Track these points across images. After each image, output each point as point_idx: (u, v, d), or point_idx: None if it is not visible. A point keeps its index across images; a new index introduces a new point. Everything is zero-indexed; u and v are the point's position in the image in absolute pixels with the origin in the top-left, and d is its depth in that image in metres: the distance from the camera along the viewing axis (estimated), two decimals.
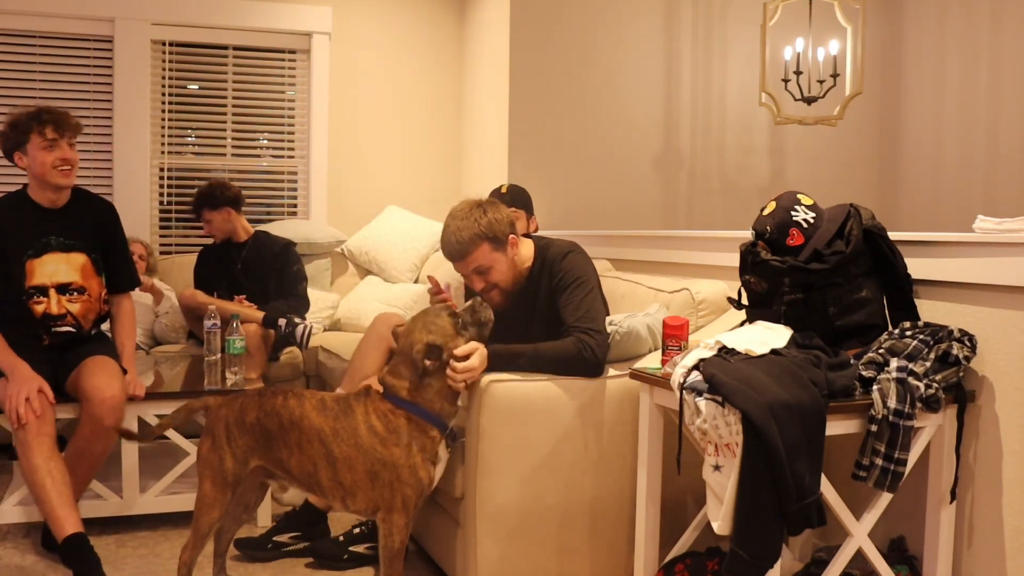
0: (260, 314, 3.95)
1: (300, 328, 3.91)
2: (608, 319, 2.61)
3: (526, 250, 2.73)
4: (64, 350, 3.01)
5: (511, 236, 2.63)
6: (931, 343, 2.05)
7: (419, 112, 5.36)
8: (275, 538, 2.87)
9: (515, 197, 3.46)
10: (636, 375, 2.37)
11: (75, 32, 4.80)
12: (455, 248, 2.58)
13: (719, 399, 1.90)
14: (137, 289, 3.48)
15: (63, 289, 3.00)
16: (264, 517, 3.20)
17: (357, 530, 2.83)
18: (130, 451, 3.06)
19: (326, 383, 4.06)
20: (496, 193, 3.49)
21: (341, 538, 2.82)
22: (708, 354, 2.06)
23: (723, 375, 1.93)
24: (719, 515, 1.91)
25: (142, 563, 2.84)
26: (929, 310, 2.22)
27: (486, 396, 2.41)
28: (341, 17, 5.21)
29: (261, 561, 2.85)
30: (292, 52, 5.21)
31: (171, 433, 3.19)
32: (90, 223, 3.05)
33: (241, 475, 2.38)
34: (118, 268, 3.16)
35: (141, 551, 2.94)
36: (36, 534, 3.04)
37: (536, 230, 3.53)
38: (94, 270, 3.07)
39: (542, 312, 2.67)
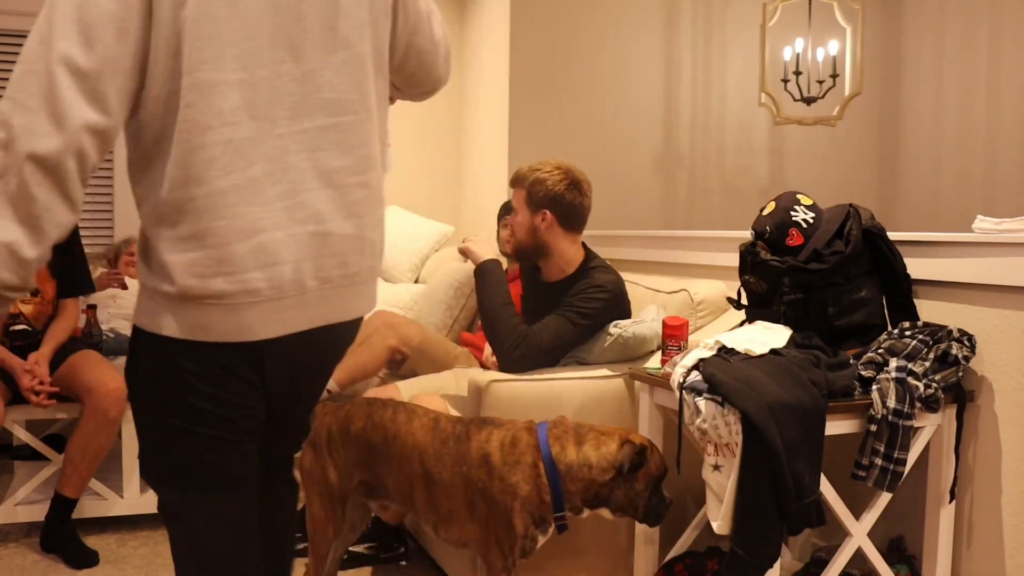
0: None
1: None
2: (614, 323, 2.62)
3: (568, 248, 2.76)
4: (17, 352, 3.01)
5: (546, 211, 2.69)
6: (930, 343, 2.05)
7: (419, 112, 5.36)
8: (350, 548, 2.77)
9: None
10: (636, 375, 2.37)
11: None
12: (516, 175, 2.80)
13: (719, 399, 1.91)
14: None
15: None
16: None
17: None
18: (130, 451, 3.06)
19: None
20: (508, 203, 3.50)
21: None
22: (708, 354, 2.06)
23: (723, 375, 1.93)
24: (719, 515, 1.91)
25: (143, 563, 2.84)
26: (929, 310, 2.22)
27: (486, 396, 2.41)
28: None
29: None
30: None
31: None
32: None
33: (347, 490, 2.20)
34: (72, 272, 3.17)
35: (142, 551, 2.95)
36: (37, 534, 3.05)
37: None
38: (49, 273, 3.10)
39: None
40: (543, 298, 2.78)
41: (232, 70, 1.36)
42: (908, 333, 2.10)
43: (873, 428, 1.96)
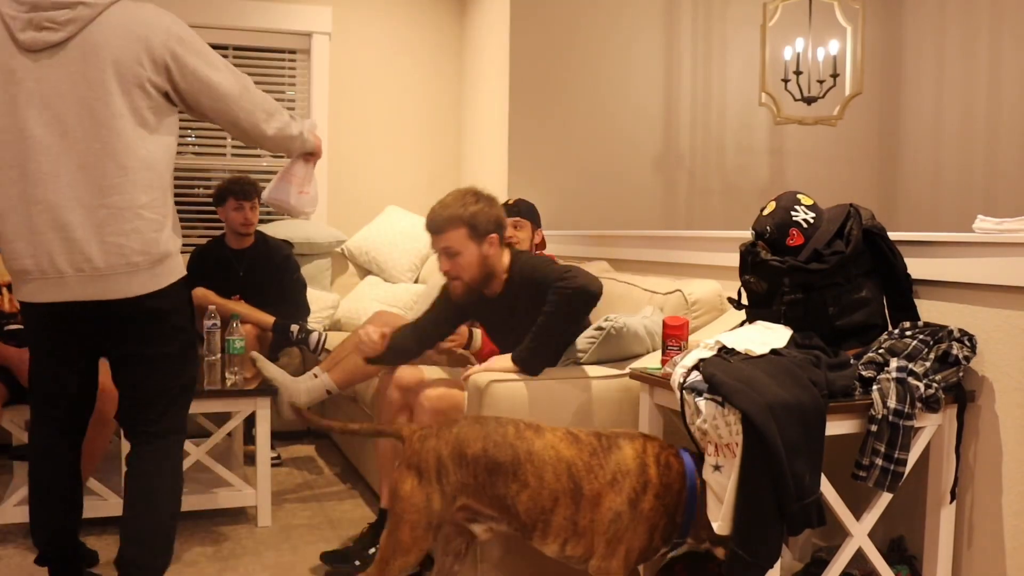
0: (269, 319, 3.98)
1: (314, 335, 3.96)
2: (604, 317, 2.62)
3: (506, 259, 2.71)
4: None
5: (492, 235, 2.61)
6: (931, 343, 2.05)
7: (419, 112, 5.37)
8: (370, 550, 2.76)
9: (522, 209, 3.47)
10: (636, 375, 2.37)
11: None
12: (435, 221, 2.61)
13: (719, 399, 1.91)
14: None
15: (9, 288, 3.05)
16: (264, 517, 3.20)
17: (372, 550, 2.79)
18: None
19: None
20: (504, 206, 3.50)
21: (372, 551, 2.75)
22: (708, 354, 2.06)
23: (723, 375, 1.93)
24: (719, 515, 1.91)
25: None
26: (929, 310, 2.22)
27: (486, 396, 2.41)
28: (341, 17, 5.21)
29: None
30: (292, 52, 5.21)
31: None
32: None
33: (446, 516, 2.09)
34: None
35: None
36: None
37: (542, 242, 3.53)
38: None
39: (525, 325, 2.59)
40: (501, 312, 2.74)
41: None
42: (909, 333, 2.10)
43: (873, 428, 1.95)
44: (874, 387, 1.99)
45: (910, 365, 2.01)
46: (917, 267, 2.21)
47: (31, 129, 2.10)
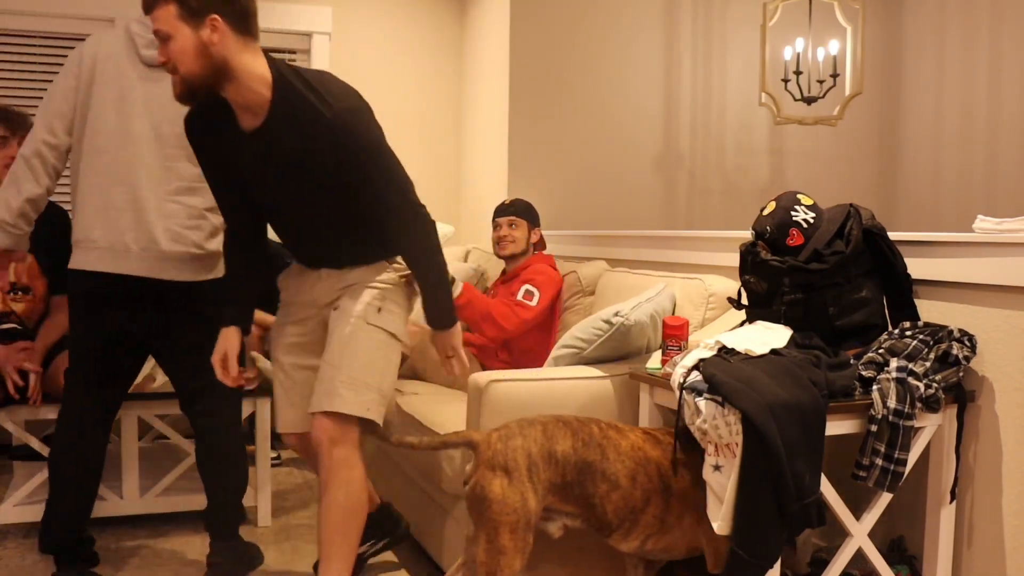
0: (270, 318, 3.98)
1: None
2: (614, 310, 2.61)
3: (253, 63, 2.14)
4: None
5: (212, 17, 2.09)
6: (931, 343, 2.05)
7: (419, 112, 5.37)
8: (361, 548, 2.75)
9: (518, 207, 3.47)
10: (636, 375, 2.37)
11: (75, 32, 4.80)
12: None
13: (719, 399, 1.91)
14: None
15: (9, 288, 3.03)
16: (264, 518, 3.20)
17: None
18: (130, 451, 3.06)
19: None
20: (500, 205, 3.50)
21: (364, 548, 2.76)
22: (708, 354, 2.06)
23: (723, 375, 1.93)
24: (719, 515, 1.91)
25: (142, 563, 2.84)
26: (929, 310, 2.22)
27: (486, 396, 2.41)
28: (341, 17, 5.21)
29: None
30: (292, 52, 5.21)
31: (171, 433, 3.19)
32: (41, 226, 3.04)
33: (539, 516, 2.02)
34: (64, 269, 3.15)
35: (142, 551, 2.94)
36: (36, 534, 3.05)
37: (540, 241, 3.53)
38: (40, 271, 3.10)
39: (318, 177, 2.20)
40: (259, 147, 2.20)
41: None
42: (909, 333, 2.10)
43: (873, 428, 1.95)
44: (874, 387, 1.99)
45: (910, 365, 2.01)
46: (917, 267, 2.21)
47: (133, 126, 2.47)
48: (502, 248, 3.44)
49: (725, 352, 2.06)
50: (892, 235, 2.22)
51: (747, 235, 2.35)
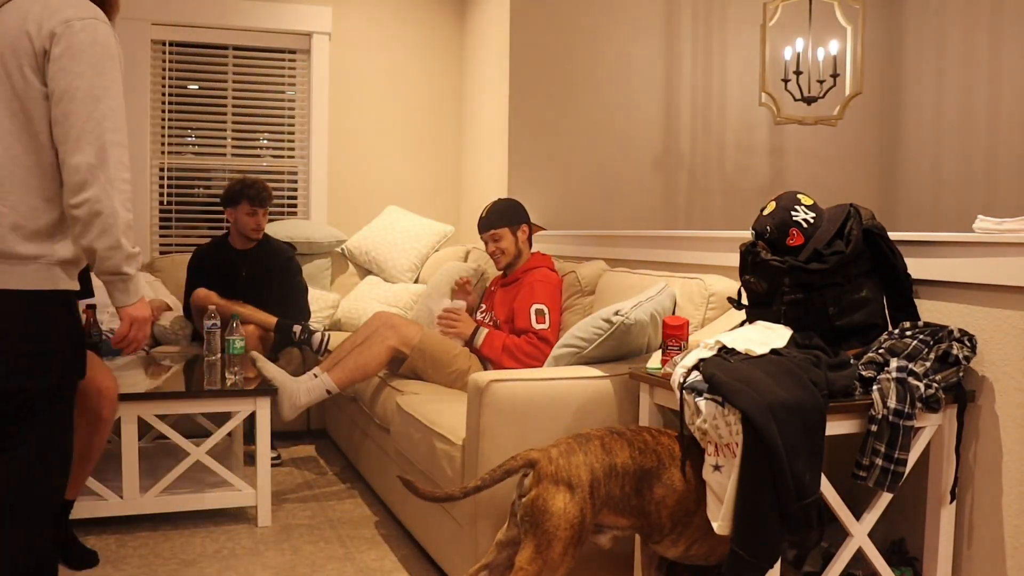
0: (272, 319, 3.98)
1: (317, 336, 3.97)
2: (615, 309, 2.61)
3: None
4: None
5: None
6: (931, 343, 2.05)
7: (419, 112, 5.37)
8: None
9: (492, 219, 3.52)
10: (636, 375, 2.37)
11: None
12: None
13: (719, 399, 1.90)
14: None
15: None
16: (264, 518, 3.20)
17: None
18: (130, 451, 3.06)
19: None
20: (479, 220, 3.55)
21: None
22: (708, 354, 2.06)
23: (723, 375, 1.93)
24: (719, 515, 1.91)
25: (142, 563, 2.84)
26: (929, 310, 2.22)
27: (486, 396, 2.41)
28: (341, 17, 5.21)
29: None
30: (292, 52, 5.21)
31: (171, 433, 3.19)
32: None
33: (592, 531, 2.03)
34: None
35: (142, 551, 2.94)
36: None
37: (528, 237, 3.56)
38: None
39: None
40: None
41: None
42: (909, 333, 2.10)
43: (874, 428, 1.95)
44: (874, 387, 1.99)
45: (910, 365, 2.01)
46: (917, 267, 2.21)
47: None
48: (496, 263, 3.53)
49: (725, 352, 2.06)
50: (892, 235, 2.22)
51: (747, 235, 2.35)
